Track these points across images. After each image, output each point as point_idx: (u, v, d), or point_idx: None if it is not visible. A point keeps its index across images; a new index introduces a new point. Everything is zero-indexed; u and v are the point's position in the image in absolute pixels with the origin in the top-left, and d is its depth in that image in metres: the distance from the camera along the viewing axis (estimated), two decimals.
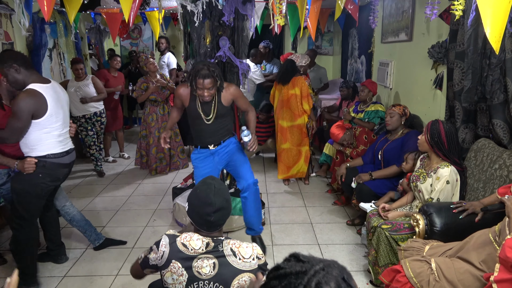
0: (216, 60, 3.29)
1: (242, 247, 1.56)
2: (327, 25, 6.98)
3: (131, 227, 3.60)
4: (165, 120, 4.87)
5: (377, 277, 2.54)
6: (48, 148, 2.53)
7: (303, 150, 4.45)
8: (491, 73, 2.52)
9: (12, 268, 2.92)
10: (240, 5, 3.14)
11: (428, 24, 3.52)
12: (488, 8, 1.58)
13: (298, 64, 4.49)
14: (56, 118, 2.52)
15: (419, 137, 2.63)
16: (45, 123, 2.47)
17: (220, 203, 1.55)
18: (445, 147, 2.50)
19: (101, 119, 4.94)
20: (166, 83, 4.77)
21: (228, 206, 1.60)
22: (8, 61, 2.38)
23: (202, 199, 1.55)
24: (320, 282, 0.75)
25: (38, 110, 2.41)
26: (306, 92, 4.33)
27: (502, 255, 1.58)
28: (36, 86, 2.43)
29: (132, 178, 4.92)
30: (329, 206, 4.02)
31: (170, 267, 1.52)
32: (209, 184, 1.60)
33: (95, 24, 6.83)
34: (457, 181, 2.47)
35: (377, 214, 2.72)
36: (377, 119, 4.07)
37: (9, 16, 4.28)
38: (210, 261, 1.51)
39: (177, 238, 1.56)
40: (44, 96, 2.43)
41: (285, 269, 0.81)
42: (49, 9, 2.43)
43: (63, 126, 2.61)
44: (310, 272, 0.78)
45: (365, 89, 4.14)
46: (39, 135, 2.48)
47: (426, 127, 2.58)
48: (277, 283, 0.79)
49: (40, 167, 2.51)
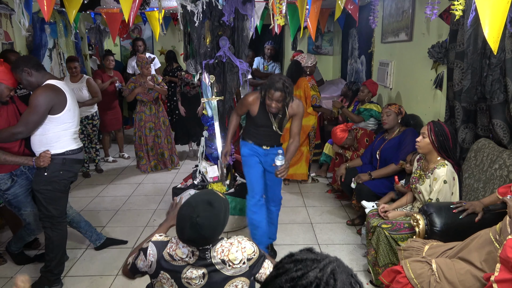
0: (216, 60, 3.29)
1: (231, 253, 1.47)
2: (327, 25, 6.97)
3: (131, 227, 3.60)
4: (151, 120, 5.00)
5: (377, 277, 2.54)
6: (67, 144, 2.59)
7: (303, 150, 4.47)
8: (491, 73, 2.52)
9: (12, 268, 2.93)
10: (240, 5, 3.14)
11: (428, 24, 3.52)
12: (487, 8, 1.58)
13: (304, 64, 4.51)
14: (73, 113, 2.60)
15: (418, 140, 2.55)
16: (64, 119, 2.53)
17: (193, 233, 1.41)
18: (450, 146, 2.50)
19: (93, 121, 4.92)
20: (153, 85, 4.86)
21: (208, 232, 1.41)
22: (20, 65, 2.45)
23: (190, 206, 1.44)
24: (334, 269, 0.80)
25: (57, 105, 2.47)
26: (308, 93, 4.35)
27: (503, 255, 1.58)
28: (53, 81, 2.51)
29: (132, 178, 4.92)
30: (329, 206, 4.02)
31: (159, 278, 1.50)
32: (192, 204, 1.44)
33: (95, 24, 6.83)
34: (454, 179, 2.47)
35: (377, 214, 2.72)
36: (368, 116, 4.08)
37: (9, 16, 4.28)
38: (199, 271, 1.47)
39: (163, 248, 1.50)
40: (63, 91, 2.52)
41: (301, 255, 0.85)
42: (49, 9, 2.43)
43: (77, 123, 2.69)
44: (325, 260, 0.82)
45: (365, 89, 4.14)
46: (58, 133, 2.54)
47: (428, 129, 2.51)
48: (292, 266, 0.83)
49: (61, 164, 2.57)
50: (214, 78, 3.37)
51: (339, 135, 3.86)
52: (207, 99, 3.46)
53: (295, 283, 0.79)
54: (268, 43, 6.07)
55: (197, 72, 3.51)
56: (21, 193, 2.71)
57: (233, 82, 3.37)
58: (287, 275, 0.81)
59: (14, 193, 2.69)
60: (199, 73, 3.48)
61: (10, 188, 2.67)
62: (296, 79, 4.35)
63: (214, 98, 3.42)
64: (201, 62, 3.33)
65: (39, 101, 2.40)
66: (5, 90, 2.53)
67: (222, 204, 1.47)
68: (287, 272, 0.82)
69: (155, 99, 4.99)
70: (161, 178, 4.93)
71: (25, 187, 2.74)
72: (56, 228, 2.67)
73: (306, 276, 0.79)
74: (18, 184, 2.70)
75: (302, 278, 0.79)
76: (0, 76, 2.49)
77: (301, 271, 0.80)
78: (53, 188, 2.58)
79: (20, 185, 2.71)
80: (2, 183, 2.64)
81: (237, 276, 1.49)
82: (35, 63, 2.50)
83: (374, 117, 4.08)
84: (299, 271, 0.81)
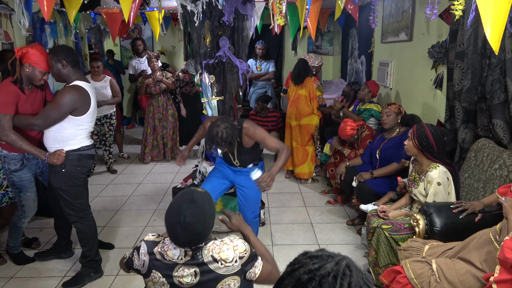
0: (216, 60, 3.29)
1: (223, 250, 1.47)
2: (327, 25, 6.97)
3: (131, 227, 3.60)
4: (159, 112, 5.37)
5: (378, 277, 2.54)
6: (81, 141, 2.61)
7: (309, 150, 4.53)
8: (491, 73, 2.51)
9: (12, 268, 2.93)
10: (240, 5, 3.14)
11: (428, 24, 3.52)
12: (488, 8, 1.58)
13: (311, 64, 4.52)
14: (93, 115, 2.64)
15: (406, 143, 2.59)
16: (84, 120, 2.56)
17: (187, 235, 1.41)
18: (435, 150, 2.48)
19: (110, 120, 4.93)
20: (161, 78, 5.18)
21: (200, 227, 1.42)
22: (60, 54, 2.47)
23: (174, 210, 1.44)
24: (349, 263, 0.86)
25: (81, 107, 2.50)
26: (314, 94, 4.36)
27: (501, 256, 1.58)
28: (82, 84, 2.52)
29: (132, 178, 4.92)
30: (329, 206, 4.02)
31: (151, 277, 1.49)
32: (183, 203, 1.44)
33: (95, 24, 6.83)
34: (448, 179, 2.46)
35: (376, 215, 2.72)
36: (368, 116, 4.09)
37: (9, 16, 4.28)
38: (191, 270, 1.46)
39: (154, 247, 1.50)
40: (89, 95, 2.54)
41: (315, 253, 0.91)
42: (49, 9, 2.43)
43: (93, 123, 2.72)
44: (339, 256, 0.88)
45: (366, 89, 4.14)
46: (75, 131, 2.56)
47: (412, 132, 2.54)
48: (308, 260, 0.88)
49: (77, 160, 2.59)
50: (214, 78, 3.37)
51: (348, 132, 3.78)
52: (207, 99, 3.46)
53: (313, 274, 0.83)
54: (258, 43, 6.00)
55: (197, 72, 3.51)
56: (27, 177, 2.74)
57: (233, 82, 3.37)
58: (305, 267, 0.86)
59: (21, 176, 2.70)
60: (199, 73, 3.48)
61: (18, 170, 2.68)
62: (303, 78, 4.38)
63: (214, 98, 3.42)
64: (201, 62, 3.34)
65: (65, 100, 2.42)
66: (38, 74, 2.54)
67: (203, 196, 1.48)
68: (304, 266, 0.87)
69: (163, 91, 5.29)
70: (161, 178, 4.93)
71: (32, 171, 2.77)
72: (85, 221, 2.73)
73: (324, 267, 0.84)
74: (27, 167, 2.72)
75: (320, 269, 0.84)
76: (33, 59, 2.50)
77: (318, 264, 0.85)
78: (74, 184, 2.61)
79: (28, 169, 2.73)
80: (12, 164, 2.66)
81: (229, 275, 1.48)
82: (74, 58, 2.53)
83: (375, 117, 4.08)
84: (316, 264, 0.85)
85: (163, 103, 5.35)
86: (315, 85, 4.44)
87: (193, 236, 1.43)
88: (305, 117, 4.45)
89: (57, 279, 2.82)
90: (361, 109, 4.15)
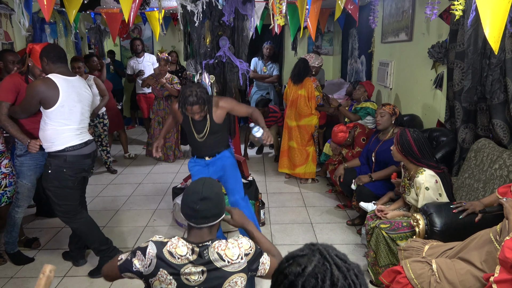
0: (216, 60, 3.29)
1: (228, 248, 1.51)
2: (327, 25, 6.97)
3: (131, 227, 3.60)
4: (159, 115, 5.39)
5: (377, 277, 2.54)
6: (66, 141, 2.59)
7: (310, 151, 4.51)
8: (491, 73, 2.52)
9: (12, 268, 2.93)
10: (240, 5, 3.14)
11: (428, 24, 3.52)
12: (488, 8, 1.58)
13: (311, 64, 4.50)
14: (69, 110, 2.58)
15: (392, 148, 2.62)
16: (57, 114, 2.53)
17: (207, 192, 1.55)
18: (417, 154, 2.48)
19: (103, 120, 4.87)
20: (164, 82, 5.12)
21: (217, 198, 1.57)
22: (42, 52, 2.59)
23: (191, 189, 1.58)
24: (345, 258, 1.01)
25: (47, 99, 2.49)
26: (312, 94, 4.36)
27: (501, 256, 1.58)
28: (54, 76, 2.54)
29: (132, 178, 4.92)
30: (329, 206, 4.02)
31: (158, 276, 1.50)
32: (201, 178, 1.64)
33: (95, 24, 6.83)
34: (436, 182, 2.43)
35: (374, 215, 2.72)
36: (364, 114, 4.09)
37: (9, 16, 4.28)
38: (198, 268, 1.49)
39: (163, 246, 1.52)
40: (57, 86, 2.52)
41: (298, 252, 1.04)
42: (49, 9, 2.43)
43: (80, 121, 2.67)
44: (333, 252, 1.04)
45: (362, 88, 4.16)
46: (55, 129, 2.55)
47: (395, 138, 2.56)
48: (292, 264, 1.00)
49: (62, 161, 2.58)
50: (214, 78, 3.37)
51: (340, 136, 3.84)
52: None
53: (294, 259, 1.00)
54: (267, 43, 5.91)
55: (197, 72, 3.51)
56: (28, 165, 2.84)
57: (233, 82, 3.38)
58: None
59: (22, 162, 2.84)
60: (199, 73, 3.49)
61: (22, 156, 2.83)
62: (303, 77, 4.36)
63: None
64: (201, 62, 3.34)
65: (28, 91, 2.50)
66: (37, 71, 2.74)
67: (212, 179, 1.66)
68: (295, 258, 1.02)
69: (165, 97, 5.29)
70: (161, 178, 4.93)
71: (34, 160, 2.86)
72: (76, 220, 2.73)
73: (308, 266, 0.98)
74: (30, 155, 2.82)
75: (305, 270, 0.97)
76: (35, 56, 2.68)
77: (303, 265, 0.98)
78: (60, 185, 2.61)
79: (31, 156, 2.83)
80: (19, 149, 2.83)
81: (235, 272, 1.51)
82: (55, 55, 2.57)
83: (371, 115, 4.09)
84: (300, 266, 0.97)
85: (164, 107, 5.34)
86: (314, 85, 4.44)
87: (210, 207, 1.53)
88: (304, 118, 4.44)
89: (57, 279, 2.81)
90: (357, 108, 4.16)
